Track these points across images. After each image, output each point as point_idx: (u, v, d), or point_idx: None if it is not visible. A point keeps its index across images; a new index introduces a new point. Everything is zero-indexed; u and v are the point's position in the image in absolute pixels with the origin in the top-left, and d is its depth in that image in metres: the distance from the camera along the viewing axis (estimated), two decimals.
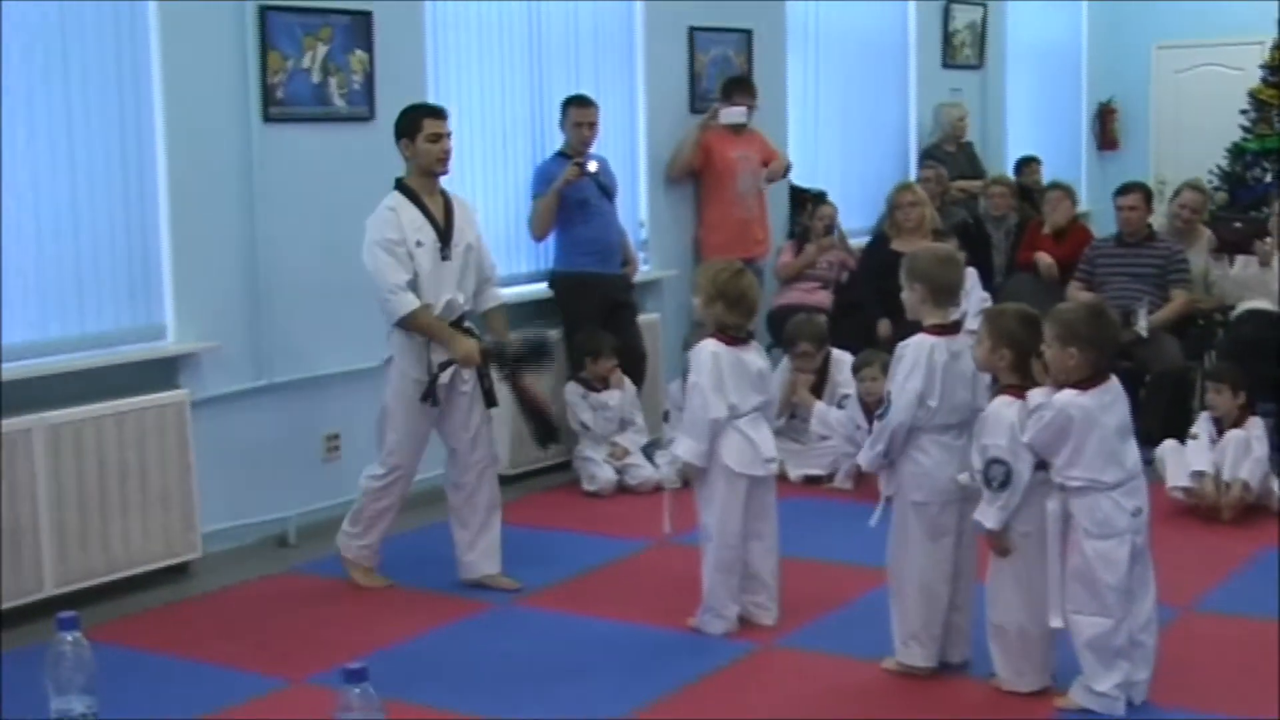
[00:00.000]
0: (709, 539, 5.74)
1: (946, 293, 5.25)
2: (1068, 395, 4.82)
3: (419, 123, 6.16)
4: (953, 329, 5.23)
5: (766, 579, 5.83)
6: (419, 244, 6.08)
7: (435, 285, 6.12)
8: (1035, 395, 4.92)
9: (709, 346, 5.71)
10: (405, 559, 6.69)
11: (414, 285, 6.05)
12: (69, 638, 2.28)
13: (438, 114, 6.25)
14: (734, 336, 5.73)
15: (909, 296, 5.25)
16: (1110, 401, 4.86)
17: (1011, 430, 4.86)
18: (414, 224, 6.10)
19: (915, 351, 5.14)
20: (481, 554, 6.40)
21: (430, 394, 6.15)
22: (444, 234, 6.16)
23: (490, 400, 6.31)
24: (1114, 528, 4.79)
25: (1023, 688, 5.02)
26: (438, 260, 6.12)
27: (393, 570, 6.53)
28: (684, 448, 5.71)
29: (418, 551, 6.73)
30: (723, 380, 5.65)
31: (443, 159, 6.19)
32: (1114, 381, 4.93)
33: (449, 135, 6.23)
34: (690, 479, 5.80)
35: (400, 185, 6.20)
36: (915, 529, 5.19)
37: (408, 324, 6.08)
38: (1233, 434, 7.20)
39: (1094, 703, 4.87)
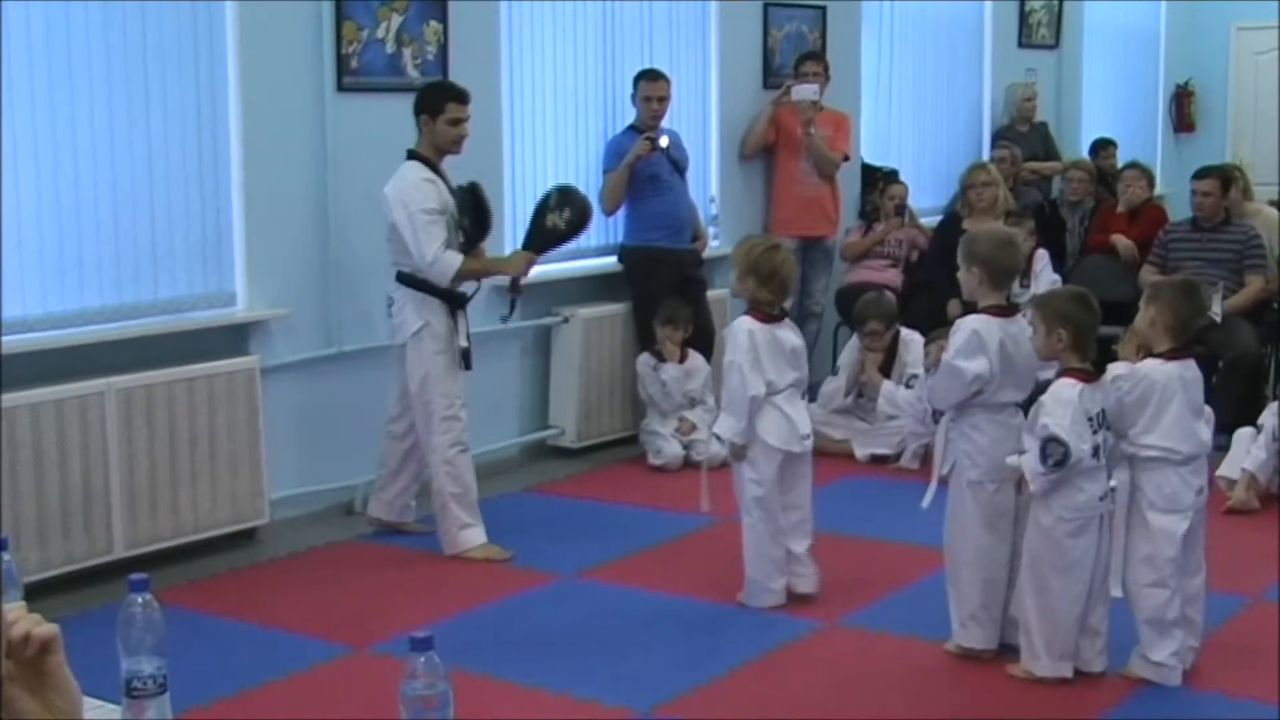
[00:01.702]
0: (749, 514, 5.77)
1: (1005, 276, 5.27)
2: (1151, 363, 4.91)
3: (444, 105, 6.35)
4: (1010, 310, 5.24)
5: (802, 551, 5.84)
6: (451, 214, 6.35)
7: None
8: (1115, 368, 4.99)
9: (745, 325, 5.75)
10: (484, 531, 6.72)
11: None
12: (139, 599, 2.28)
13: (462, 98, 6.41)
14: (767, 314, 5.75)
15: (966, 279, 5.26)
16: (1191, 378, 4.91)
17: (1073, 411, 4.83)
18: (443, 195, 6.32)
19: (975, 335, 5.13)
20: (408, 495, 6.75)
21: (466, 363, 6.42)
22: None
23: (467, 364, 6.48)
24: (1179, 503, 4.86)
25: (1038, 672, 5.02)
26: (455, 231, 6.37)
27: None
28: (725, 426, 5.75)
29: (484, 522, 6.74)
30: (759, 358, 5.68)
31: (459, 141, 6.42)
32: (1193, 363, 4.98)
33: (468, 120, 6.41)
34: (734, 456, 5.81)
35: (419, 157, 6.37)
36: (972, 509, 5.18)
37: (460, 276, 6.33)
38: None
39: (1151, 672, 4.93)
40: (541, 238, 6.60)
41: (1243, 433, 7.27)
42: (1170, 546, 4.86)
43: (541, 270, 7.98)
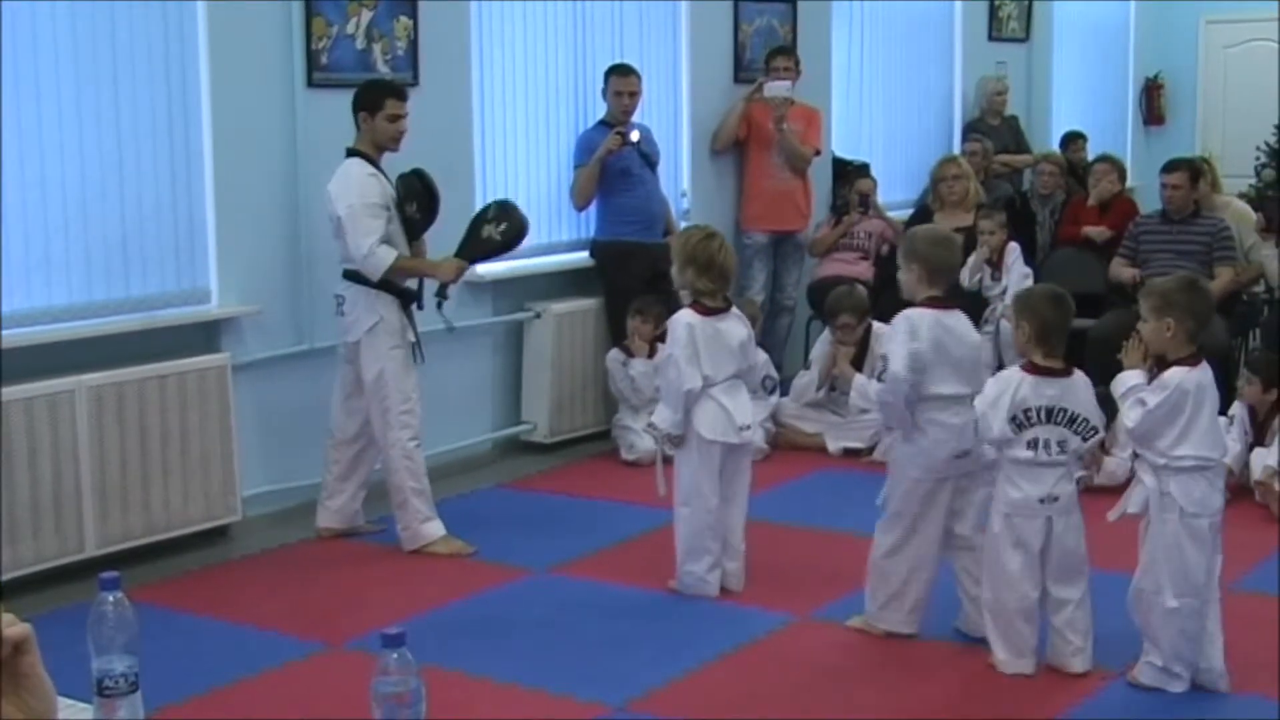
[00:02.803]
0: (684, 504, 5.83)
1: (942, 273, 5.31)
2: (1179, 373, 4.81)
3: (382, 101, 6.35)
4: (945, 304, 5.28)
5: (735, 544, 5.89)
6: (393, 208, 6.36)
7: (400, 248, 6.40)
8: (1129, 377, 4.90)
9: (684, 318, 5.79)
10: (444, 525, 6.70)
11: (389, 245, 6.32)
12: (111, 598, 2.27)
13: (400, 95, 6.42)
14: (709, 307, 5.79)
15: (905, 277, 5.31)
16: (1210, 381, 4.88)
17: (1000, 393, 4.92)
18: (385, 191, 6.33)
19: (907, 322, 5.18)
20: (357, 500, 6.71)
21: (417, 352, 6.45)
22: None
23: (417, 357, 6.50)
24: (1208, 507, 4.80)
25: (998, 667, 5.07)
26: (399, 226, 6.39)
27: None
28: (660, 417, 5.82)
29: (457, 518, 6.74)
30: (697, 351, 5.72)
31: (397, 138, 6.42)
32: (1207, 365, 4.92)
33: (406, 116, 6.40)
34: (671, 446, 5.86)
35: (360, 154, 6.36)
36: (908, 501, 5.27)
37: (393, 272, 6.29)
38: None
39: (1157, 679, 4.89)
40: (475, 247, 6.60)
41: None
42: (1201, 555, 4.80)
43: (513, 265, 8.00)
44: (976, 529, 5.24)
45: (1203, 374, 4.85)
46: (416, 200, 6.46)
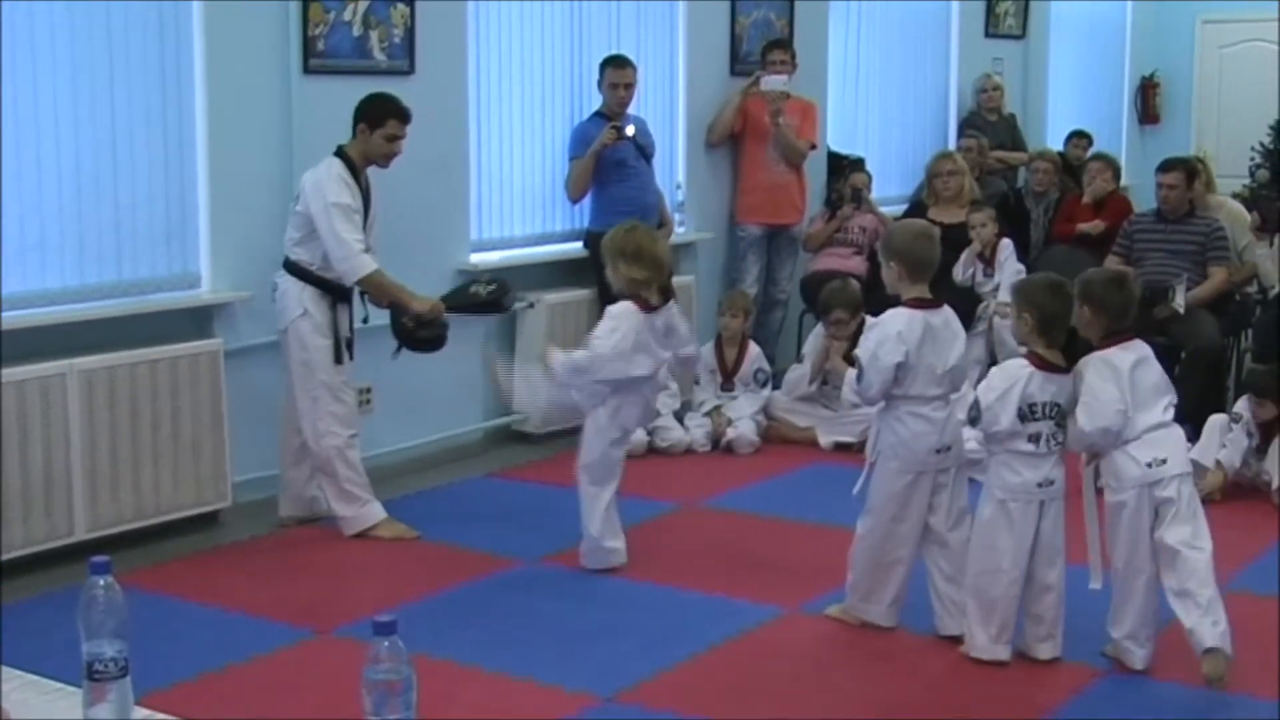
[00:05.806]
0: (582, 476, 6.10)
1: (922, 268, 5.28)
2: (1085, 359, 4.94)
3: (385, 119, 6.37)
4: (932, 304, 5.27)
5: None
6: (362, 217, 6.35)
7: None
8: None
9: (630, 316, 5.91)
10: (434, 514, 6.72)
11: None
12: (101, 582, 2.28)
13: (404, 117, 6.42)
14: (648, 302, 5.88)
15: (886, 273, 5.34)
16: (1133, 360, 4.92)
17: (1007, 387, 4.93)
18: (357, 200, 6.31)
19: (890, 323, 5.18)
20: (312, 486, 6.62)
21: (340, 354, 6.39)
22: (366, 212, 6.40)
23: (339, 354, 6.43)
24: (1128, 479, 4.87)
25: (973, 653, 5.11)
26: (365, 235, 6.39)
27: (422, 525, 6.55)
28: (567, 363, 6.10)
29: (447, 507, 6.74)
30: (646, 343, 5.90)
31: (389, 158, 6.45)
32: (1137, 342, 5.00)
33: (404, 139, 6.42)
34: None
35: (345, 157, 6.35)
36: (885, 493, 5.30)
37: (367, 283, 6.32)
38: None
39: (1118, 650, 5.04)
40: (458, 297, 6.67)
41: (1215, 419, 7.29)
42: (1116, 526, 4.90)
43: (506, 255, 8.01)
44: (950, 524, 5.25)
45: (1112, 351, 4.92)
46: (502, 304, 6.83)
